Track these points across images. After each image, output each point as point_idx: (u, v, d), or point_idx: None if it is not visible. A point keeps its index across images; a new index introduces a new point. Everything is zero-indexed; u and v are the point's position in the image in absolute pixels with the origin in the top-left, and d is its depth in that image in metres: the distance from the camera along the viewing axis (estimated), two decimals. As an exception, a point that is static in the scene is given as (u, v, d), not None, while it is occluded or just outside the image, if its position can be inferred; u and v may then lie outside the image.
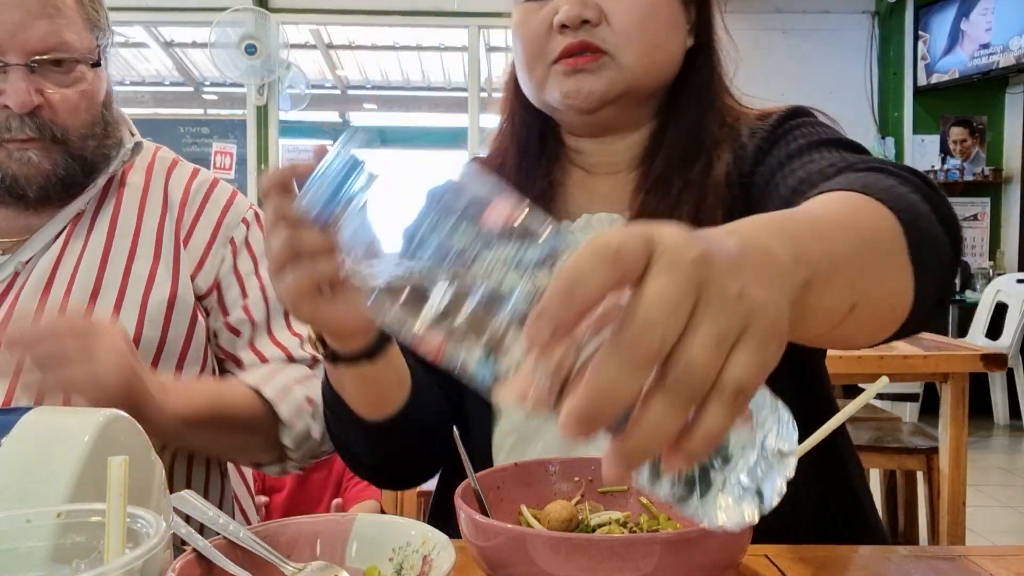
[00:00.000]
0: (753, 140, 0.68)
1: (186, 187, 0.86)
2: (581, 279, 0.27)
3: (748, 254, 0.31)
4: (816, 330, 0.40)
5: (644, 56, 0.67)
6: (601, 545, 0.41)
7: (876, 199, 0.46)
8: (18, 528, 0.37)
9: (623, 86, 0.67)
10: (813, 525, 0.65)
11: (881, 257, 0.43)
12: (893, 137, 4.44)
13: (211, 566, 0.44)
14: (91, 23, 0.78)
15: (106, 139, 0.81)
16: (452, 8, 4.47)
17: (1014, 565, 0.53)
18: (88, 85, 0.77)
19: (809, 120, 0.68)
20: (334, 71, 6.40)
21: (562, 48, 0.67)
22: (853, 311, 0.40)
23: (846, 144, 0.63)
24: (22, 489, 0.42)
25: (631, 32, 0.66)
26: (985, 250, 4.49)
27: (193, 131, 4.66)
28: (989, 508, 2.78)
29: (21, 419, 0.45)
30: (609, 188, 0.73)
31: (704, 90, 0.71)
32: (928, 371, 1.67)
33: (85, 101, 0.77)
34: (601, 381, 0.27)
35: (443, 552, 0.45)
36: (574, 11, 0.65)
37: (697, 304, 0.28)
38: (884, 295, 0.44)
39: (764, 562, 0.53)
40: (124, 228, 0.82)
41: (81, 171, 0.78)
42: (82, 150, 0.78)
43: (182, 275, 0.82)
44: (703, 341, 0.27)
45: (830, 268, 0.37)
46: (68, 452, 0.43)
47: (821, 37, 4.40)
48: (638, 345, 0.27)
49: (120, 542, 0.34)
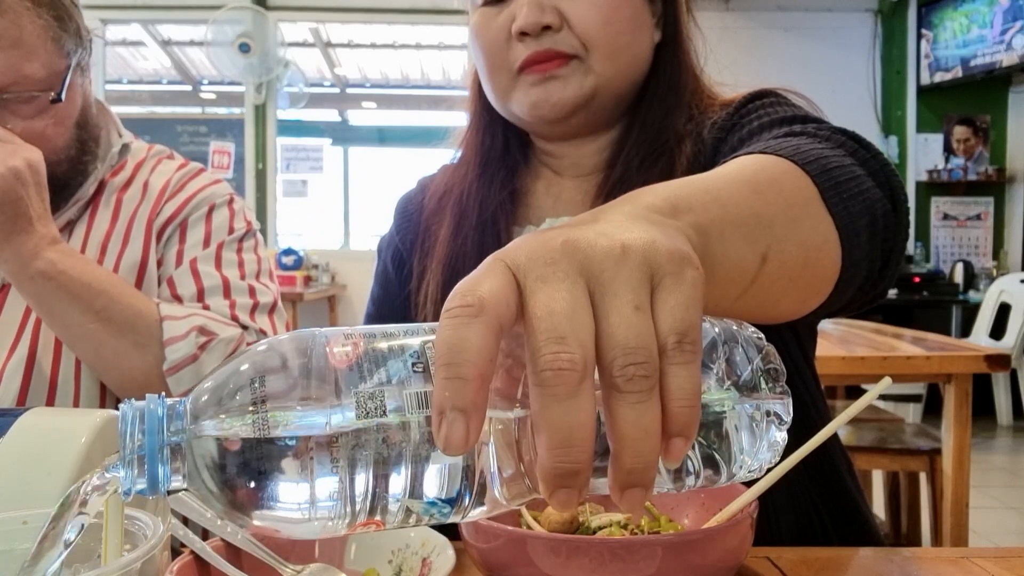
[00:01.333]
0: (712, 130, 0.65)
1: (168, 178, 0.85)
2: (460, 354, 0.24)
3: (613, 217, 0.28)
4: (731, 286, 0.37)
5: (611, 57, 0.65)
6: (602, 547, 0.40)
7: (778, 155, 0.43)
8: (14, 529, 0.37)
9: (591, 91, 0.65)
10: (798, 526, 0.64)
11: (786, 204, 0.40)
12: (896, 136, 4.43)
13: (209, 568, 0.44)
14: (58, 43, 0.74)
15: (83, 156, 0.79)
16: (451, 6, 4.46)
17: (1017, 567, 0.53)
18: (56, 112, 0.74)
19: (770, 100, 0.64)
20: (333, 70, 6.40)
21: (525, 57, 0.64)
22: (766, 263, 0.37)
23: (803, 120, 0.58)
24: (18, 490, 0.42)
25: (596, 34, 0.64)
26: (989, 250, 4.48)
27: (191, 130, 4.66)
28: (993, 510, 2.77)
29: (18, 420, 0.45)
30: (575, 191, 0.72)
31: (672, 86, 0.69)
32: (931, 372, 1.66)
33: (53, 127, 0.74)
34: (552, 431, 0.24)
35: (442, 554, 0.44)
36: (532, 17, 0.62)
37: (590, 287, 0.25)
38: (799, 246, 0.40)
39: (766, 564, 0.53)
40: (98, 231, 0.81)
41: (53, 190, 0.75)
42: (54, 172, 0.75)
43: (150, 261, 0.80)
44: (620, 318, 0.25)
45: (722, 215, 0.35)
46: (65, 453, 0.43)
47: (824, 35, 4.39)
48: (560, 369, 0.23)
49: (117, 548, 0.33)
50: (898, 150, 4.42)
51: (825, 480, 0.67)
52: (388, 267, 0.79)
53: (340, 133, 7.08)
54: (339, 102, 7.05)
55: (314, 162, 4.73)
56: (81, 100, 0.79)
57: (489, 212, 0.70)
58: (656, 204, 0.32)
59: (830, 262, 0.43)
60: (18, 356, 0.76)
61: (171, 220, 0.82)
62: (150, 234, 0.81)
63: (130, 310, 0.73)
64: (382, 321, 0.78)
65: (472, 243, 0.69)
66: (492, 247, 0.67)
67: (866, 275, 0.47)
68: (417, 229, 0.77)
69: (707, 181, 0.38)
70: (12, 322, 0.77)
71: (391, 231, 0.81)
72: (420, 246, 0.75)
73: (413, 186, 0.83)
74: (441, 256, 0.71)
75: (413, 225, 0.78)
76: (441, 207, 0.74)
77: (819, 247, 0.42)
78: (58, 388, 0.76)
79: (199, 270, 0.80)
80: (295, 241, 4.51)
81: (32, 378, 0.76)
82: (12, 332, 0.77)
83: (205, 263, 0.81)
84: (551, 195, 0.73)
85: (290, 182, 4.77)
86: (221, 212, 0.84)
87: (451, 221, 0.71)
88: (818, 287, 0.44)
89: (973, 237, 4.48)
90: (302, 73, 4.70)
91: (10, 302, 0.78)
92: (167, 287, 0.80)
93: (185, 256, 0.81)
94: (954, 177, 4.38)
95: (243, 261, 0.84)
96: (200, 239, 0.82)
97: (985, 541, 2.38)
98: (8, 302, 0.78)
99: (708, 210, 0.34)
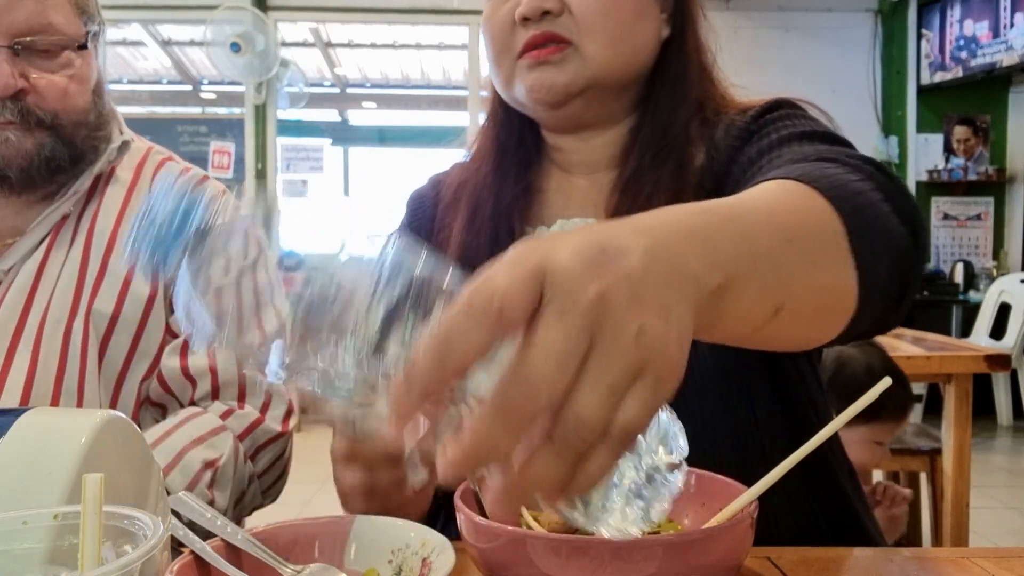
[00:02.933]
0: (728, 136, 0.66)
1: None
2: (454, 344, 0.25)
3: (652, 270, 0.28)
4: (734, 333, 0.38)
5: (609, 46, 0.66)
6: (602, 547, 0.40)
7: (813, 188, 0.42)
8: (14, 530, 0.36)
9: (588, 77, 0.66)
10: (798, 528, 0.64)
11: (812, 252, 0.39)
12: (896, 136, 4.43)
13: (209, 568, 0.44)
14: (80, 9, 0.76)
15: (98, 130, 0.79)
16: (452, 6, 4.47)
17: (1017, 567, 0.53)
18: (76, 70, 0.75)
19: (790, 112, 0.64)
20: (333, 70, 6.40)
21: (525, 41, 0.66)
22: (779, 314, 0.37)
23: (823, 136, 0.58)
24: (19, 490, 0.42)
25: (594, 20, 0.65)
26: (989, 250, 4.48)
27: (191, 130, 4.66)
28: (993, 510, 2.77)
29: (18, 420, 0.45)
30: (586, 189, 0.72)
31: (679, 81, 0.69)
32: (931, 372, 1.66)
33: (74, 85, 0.75)
34: (479, 437, 0.26)
35: (442, 554, 0.44)
36: (534, 2, 0.65)
37: (591, 350, 0.26)
38: (817, 293, 0.40)
39: (766, 564, 0.53)
40: (104, 227, 0.80)
41: (69, 157, 0.76)
42: (73, 136, 0.75)
43: (158, 295, 0.79)
44: (593, 395, 0.26)
45: (749, 270, 0.34)
46: (65, 453, 0.43)
47: (824, 35, 4.39)
48: (522, 404, 0.25)
49: (95, 559, 0.33)
50: (898, 150, 4.42)
51: (823, 485, 0.67)
52: None
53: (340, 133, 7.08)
54: (339, 102, 7.05)
55: (314, 162, 4.73)
56: (99, 76, 0.79)
57: (504, 205, 0.71)
58: (690, 265, 0.31)
59: (845, 305, 0.43)
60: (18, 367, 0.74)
61: None
62: None
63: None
64: None
65: (486, 235, 0.70)
66: (506, 241, 0.67)
67: (881, 311, 0.47)
68: (429, 224, 0.77)
69: (742, 222, 0.36)
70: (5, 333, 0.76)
71: (402, 225, 0.81)
72: (434, 239, 0.75)
73: (424, 182, 0.83)
74: (456, 248, 0.71)
75: (425, 220, 0.78)
76: (456, 199, 0.75)
77: (837, 292, 0.42)
78: (61, 399, 0.74)
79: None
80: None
81: (32, 392, 0.74)
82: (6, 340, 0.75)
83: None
84: (562, 193, 0.73)
85: (290, 182, 4.77)
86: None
87: (466, 212, 0.72)
88: (830, 326, 0.44)
89: (973, 237, 4.48)
90: (302, 73, 4.70)
91: (6, 303, 0.77)
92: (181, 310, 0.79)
93: None
94: (954, 177, 4.38)
95: (258, 286, 0.83)
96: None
97: (985, 541, 2.38)
98: (5, 303, 0.77)
99: (737, 266, 0.34)
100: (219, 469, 0.72)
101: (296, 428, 0.82)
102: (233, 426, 0.76)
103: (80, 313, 0.76)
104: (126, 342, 0.77)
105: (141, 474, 0.47)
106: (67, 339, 0.76)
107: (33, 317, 0.76)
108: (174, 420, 0.74)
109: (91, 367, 0.76)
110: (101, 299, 0.77)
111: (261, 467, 0.79)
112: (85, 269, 0.78)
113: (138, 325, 0.78)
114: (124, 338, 0.77)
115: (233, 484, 0.74)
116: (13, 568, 0.36)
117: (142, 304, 0.78)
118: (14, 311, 0.76)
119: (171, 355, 0.79)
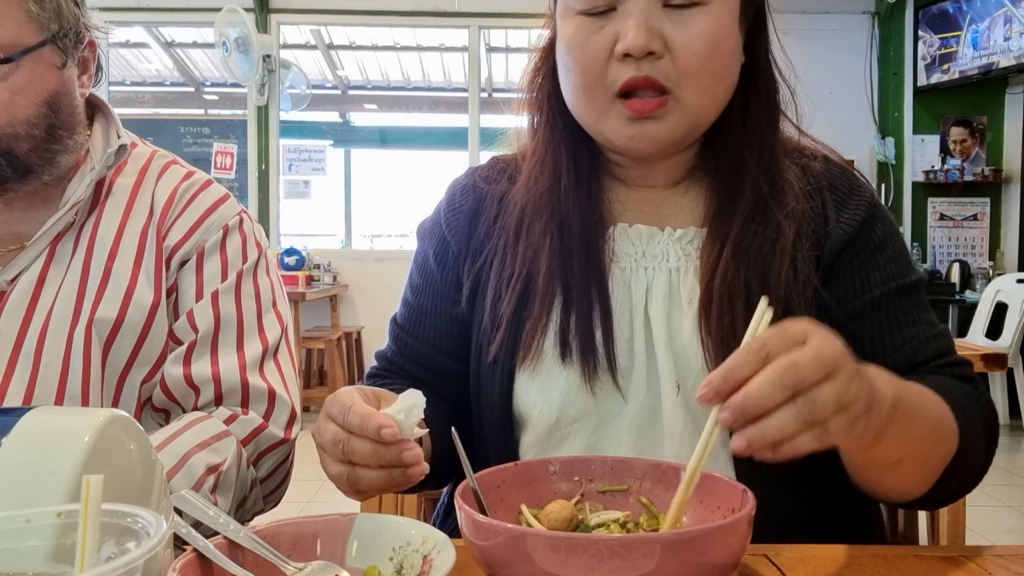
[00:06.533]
0: (836, 220, 0.69)
1: (174, 189, 0.82)
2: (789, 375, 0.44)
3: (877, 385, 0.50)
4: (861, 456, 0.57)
5: (706, 92, 0.66)
6: (601, 545, 0.41)
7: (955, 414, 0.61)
8: (18, 528, 0.37)
9: (687, 128, 0.67)
10: (799, 525, 0.64)
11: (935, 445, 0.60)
12: (893, 137, 4.44)
13: (211, 566, 0.44)
14: (31, 16, 0.72)
15: (51, 143, 0.75)
16: (452, 8, 4.47)
17: (1014, 565, 0.53)
18: (12, 84, 0.71)
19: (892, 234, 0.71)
20: (334, 71, 6.41)
21: (625, 80, 0.64)
22: (900, 464, 0.58)
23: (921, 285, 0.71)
24: (22, 489, 0.42)
25: (696, 68, 0.64)
26: (985, 250, 4.49)
27: (194, 131, 4.67)
28: (989, 508, 2.78)
29: (21, 419, 0.45)
30: (642, 201, 0.73)
31: (749, 112, 0.70)
32: (928, 371, 1.66)
33: (11, 97, 0.71)
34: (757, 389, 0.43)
35: (443, 551, 0.45)
36: (641, 40, 0.62)
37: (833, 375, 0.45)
38: (921, 470, 0.60)
39: (764, 561, 0.53)
40: (106, 235, 0.79)
41: (10, 168, 0.73)
42: (11, 149, 0.72)
43: (161, 301, 0.78)
44: (829, 392, 0.44)
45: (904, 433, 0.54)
46: (68, 452, 0.43)
47: (821, 37, 4.40)
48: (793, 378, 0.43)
49: (92, 559, 0.33)
50: (895, 151, 4.42)
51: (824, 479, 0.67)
52: (429, 256, 0.77)
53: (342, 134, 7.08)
54: (341, 104, 7.05)
55: (316, 163, 4.73)
56: (58, 85, 0.75)
57: (585, 214, 0.70)
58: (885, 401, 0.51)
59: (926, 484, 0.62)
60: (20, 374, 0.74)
61: (182, 244, 0.80)
62: (160, 260, 0.79)
63: None
64: (420, 311, 0.76)
65: (577, 241, 0.69)
66: (596, 248, 0.71)
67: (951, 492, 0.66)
68: (469, 224, 0.75)
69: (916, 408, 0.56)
70: (7, 339, 0.75)
71: (436, 218, 0.78)
72: (479, 241, 0.74)
73: (463, 174, 0.81)
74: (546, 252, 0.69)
75: (464, 218, 0.76)
76: (521, 211, 0.72)
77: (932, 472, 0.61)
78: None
79: (219, 304, 0.80)
80: (297, 241, 4.51)
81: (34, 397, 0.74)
82: (8, 347, 0.75)
83: (225, 296, 0.80)
84: (617, 200, 0.73)
85: (292, 183, 4.77)
86: (234, 239, 0.83)
87: (550, 225, 0.70)
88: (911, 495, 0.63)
89: (970, 237, 4.49)
90: (304, 75, 4.71)
91: (8, 314, 0.76)
92: (186, 320, 0.79)
93: (205, 289, 0.80)
94: (951, 178, 4.39)
95: (259, 291, 0.83)
96: (217, 270, 0.81)
97: (982, 539, 2.38)
98: (7, 314, 0.76)
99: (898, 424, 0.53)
100: (222, 474, 0.72)
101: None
102: (237, 431, 0.76)
103: (82, 322, 0.76)
104: (129, 347, 0.77)
105: (144, 472, 0.47)
106: (69, 348, 0.75)
107: (34, 326, 0.76)
108: (178, 424, 0.74)
109: (94, 374, 0.76)
110: (104, 307, 0.76)
111: (263, 473, 0.79)
112: (87, 278, 0.77)
113: (141, 331, 0.77)
114: (127, 343, 0.77)
115: (235, 489, 0.74)
116: (17, 566, 0.37)
117: (146, 310, 0.77)
118: (16, 321, 0.75)
119: (174, 363, 0.78)
